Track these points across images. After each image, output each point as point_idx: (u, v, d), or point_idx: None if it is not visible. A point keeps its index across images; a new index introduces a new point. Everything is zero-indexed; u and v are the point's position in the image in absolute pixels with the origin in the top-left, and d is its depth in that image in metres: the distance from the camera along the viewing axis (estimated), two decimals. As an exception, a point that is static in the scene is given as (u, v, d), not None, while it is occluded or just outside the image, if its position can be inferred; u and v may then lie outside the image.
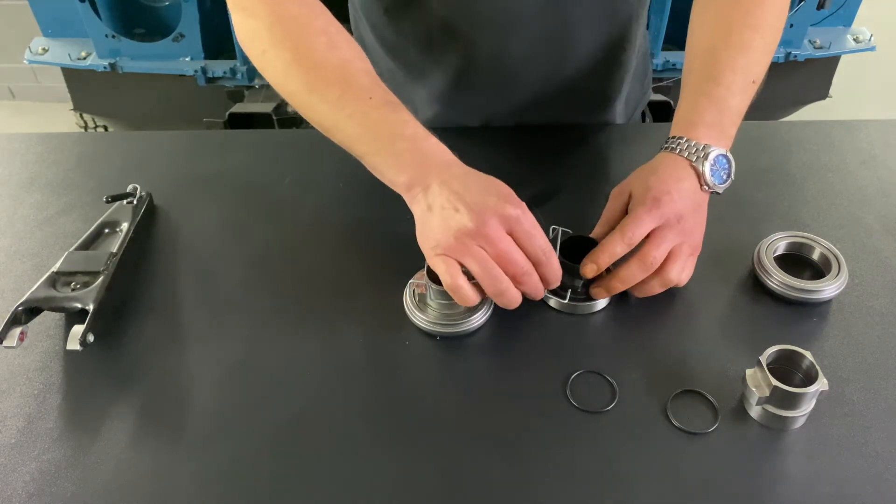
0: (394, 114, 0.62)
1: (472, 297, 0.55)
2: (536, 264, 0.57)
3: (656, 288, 0.61)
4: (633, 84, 0.94)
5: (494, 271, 0.55)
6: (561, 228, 0.63)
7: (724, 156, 0.64)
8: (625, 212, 0.63)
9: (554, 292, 0.62)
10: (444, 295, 0.58)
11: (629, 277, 0.60)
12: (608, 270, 0.61)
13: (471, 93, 0.85)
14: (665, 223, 0.60)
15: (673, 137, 0.65)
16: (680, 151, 0.63)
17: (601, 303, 0.62)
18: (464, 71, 0.83)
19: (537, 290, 0.58)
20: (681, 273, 0.61)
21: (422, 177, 0.59)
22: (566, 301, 0.61)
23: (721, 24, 0.70)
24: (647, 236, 0.60)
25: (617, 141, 0.88)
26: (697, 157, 0.62)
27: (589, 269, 0.60)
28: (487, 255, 0.55)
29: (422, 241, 0.58)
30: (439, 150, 0.61)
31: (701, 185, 0.63)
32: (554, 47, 0.81)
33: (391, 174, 0.61)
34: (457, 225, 0.55)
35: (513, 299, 0.56)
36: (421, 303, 0.61)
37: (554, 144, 0.86)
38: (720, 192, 0.64)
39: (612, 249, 0.59)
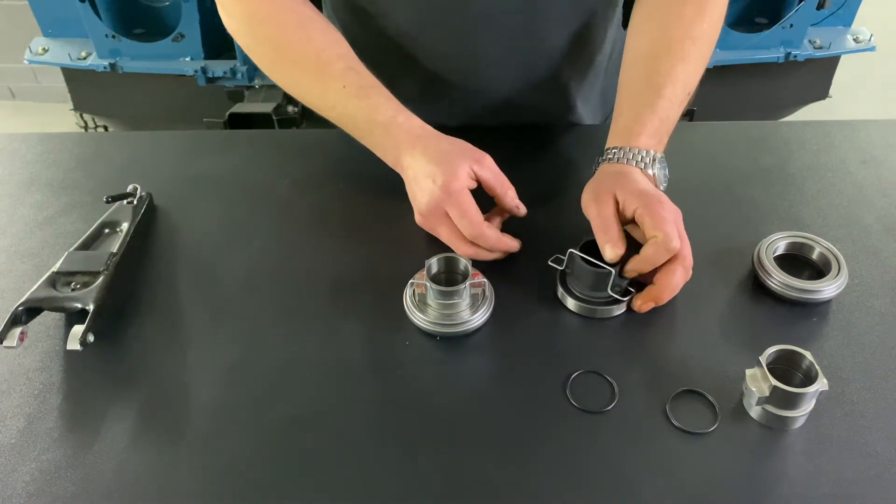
0: (365, 101, 0.70)
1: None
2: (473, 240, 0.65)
3: (682, 281, 0.61)
4: (609, 83, 0.94)
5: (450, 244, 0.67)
6: (570, 251, 0.62)
7: (664, 158, 0.67)
8: (617, 214, 0.62)
9: (587, 294, 0.62)
10: (444, 295, 0.58)
11: (677, 284, 0.60)
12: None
13: (443, 94, 0.85)
14: (675, 217, 0.61)
15: (614, 148, 0.67)
16: (627, 161, 0.65)
17: (621, 307, 0.61)
18: (435, 72, 0.83)
19: (492, 256, 0.66)
20: None
21: (397, 158, 0.69)
22: (621, 298, 0.60)
23: (662, 35, 0.71)
24: None
25: (603, 140, 0.88)
26: (646, 164, 0.65)
27: (631, 274, 0.60)
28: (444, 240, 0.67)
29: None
30: (407, 127, 0.69)
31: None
32: (524, 48, 0.81)
33: (380, 156, 0.71)
34: (416, 210, 0.68)
35: (472, 256, 0.66)
36: (421, 303, 0.61)
37: (539, 143, 0.86)
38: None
39: (656, 260, 0.59)
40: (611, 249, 0.60)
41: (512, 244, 0.67)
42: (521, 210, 0.69)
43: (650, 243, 0.59)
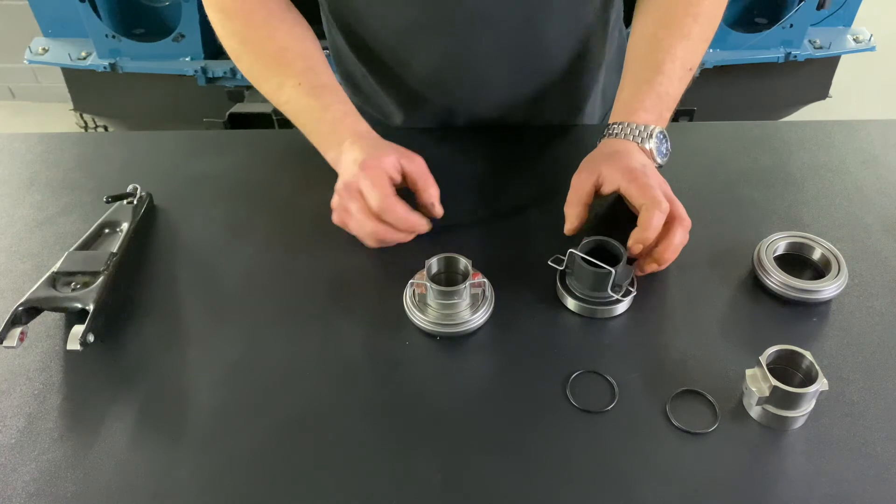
0: (317, 100, 0.72)
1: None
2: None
3: (682, 242, 0.62)
4: (611, 79, 0.94)
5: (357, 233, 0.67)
6: (570, 251, 0.61)
7: (662, 132, 0.68)
8: (594, 193, 0.65)
9: (587, 294, 0.61)
10: (444, 295, 0.58)
11: (678, 244, 0.61)
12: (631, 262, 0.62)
13: (444, 94, 0.85)
14: (660, 184, 0.63)
15: (614, 124, 0.69)
16: (625, 136, 0.67)
17: (621, 307, 0.62)
18: (436, 72, 0.83)
19: (399, 236, 0.67)
20: None
21: (339, 155, 0.69)
22: (621, 298, 0.60)
23: (664, 12, 0.73)
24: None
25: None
26: (643, 139, 0.67)
27: (636, 248, 0.60)
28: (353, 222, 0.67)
29: None
30: (353, 128, 0.70)
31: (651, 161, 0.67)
32: (523, 47, 0.81)
33: (323, 154, 0.72)
34: (335, 193, 0.68)
35: (380, 234, 0.66)
36: (421, 303, 0.61)
37: (539, 143, 0.86)
38: (662, 165, 0.68)
39: (654, 223, 0.60)
40: (568, 223, 0.66)
41: (421, 223, 0.67)
42: (437, 210, 0.68)
43: (642, 210, 0.61)
